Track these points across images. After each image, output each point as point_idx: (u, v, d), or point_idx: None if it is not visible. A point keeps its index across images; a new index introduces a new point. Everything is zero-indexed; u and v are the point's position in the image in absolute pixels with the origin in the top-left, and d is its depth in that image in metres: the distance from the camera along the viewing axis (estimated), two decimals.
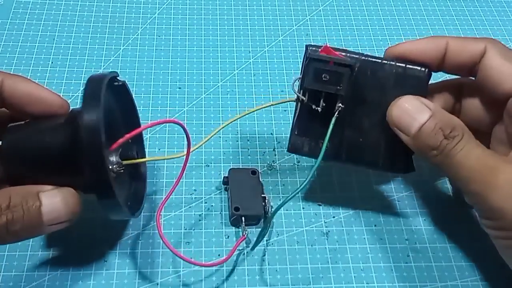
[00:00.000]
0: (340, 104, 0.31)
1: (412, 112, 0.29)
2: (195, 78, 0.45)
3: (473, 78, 0.31)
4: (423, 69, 0.31)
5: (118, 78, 0.31)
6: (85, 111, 0.26)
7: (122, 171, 0.29)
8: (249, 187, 0.35)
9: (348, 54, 0.31)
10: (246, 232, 0.34)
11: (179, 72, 0.45)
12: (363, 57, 0.32)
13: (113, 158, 0.29)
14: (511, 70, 0.28)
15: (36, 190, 0.26)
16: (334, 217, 0.37)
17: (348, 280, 0.33)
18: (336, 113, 0.31)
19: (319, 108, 0.31)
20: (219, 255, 0.34)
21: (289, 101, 0.33)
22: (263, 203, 0.35)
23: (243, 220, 0.34)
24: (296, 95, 0.32)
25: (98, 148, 0.25)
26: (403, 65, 0.31)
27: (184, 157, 0.31)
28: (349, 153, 0.33)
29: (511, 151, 0.29)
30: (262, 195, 0.35)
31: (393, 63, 0.31)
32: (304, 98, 0.31)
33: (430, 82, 0.32)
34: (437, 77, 0.35)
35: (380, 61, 0.32)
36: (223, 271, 0.33)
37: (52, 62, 0.45)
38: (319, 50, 0.31)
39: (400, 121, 0.29)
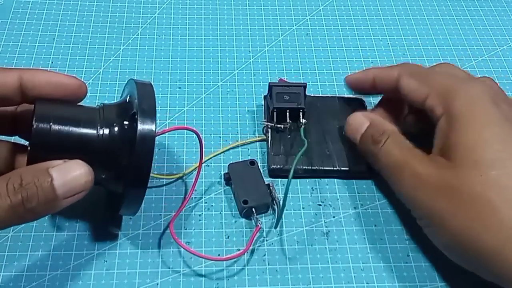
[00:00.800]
0: (303, 120, 0.38)
1: (356, 125, 0.36)
2: (195, 78, 0.45)
3: None
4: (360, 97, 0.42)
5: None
6: (143, 123, 0.28)
7: None
8: (251, 178, 0.36)
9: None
10: (259, 222, 0.34)
11: (179, 72, 0.45)
12: (311, 95, 0.41)
13: None
14: (416, 86, 0.35)
15: (45, 166, 0.26)
16: (334, 217, 0.37)
17: (348, 280, 0.33)
18: (302, 126, 0.37)
19: (287, 125, 0.38)
20: (219, 254, 0.34)
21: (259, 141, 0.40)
22: (269, 190, 0.36)
23: (254, 211, 0.35)
24: (264, 126, 0.40)
25: (149, 160, 0.28)
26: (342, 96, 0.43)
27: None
28: (321, 163, 0.38)
29: (436, 149, 0.33)
30: (266, 183, 0.36)
31: (333, 95, 0.43)
32: (272, 124, 0.38)
33: None
34: None
35: (323, 96, 0.43)
36: (223, 271, 0.33)
37: (52, 62, 0.45)
38: (278, 81, 0.42)
39: (350, 133, 0.37)
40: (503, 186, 0.28)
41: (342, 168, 0.38)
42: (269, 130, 0.39)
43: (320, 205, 0.37)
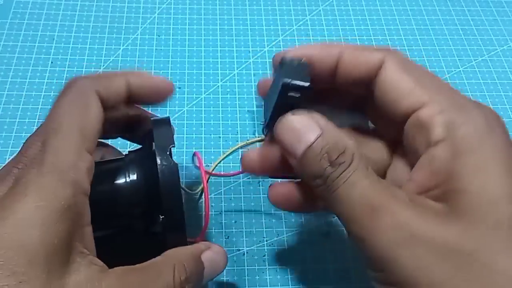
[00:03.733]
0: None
1: (299, 132, 0.23)
2: (195, 78, 0.45)
3: None
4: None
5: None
6: (163, 178, 0.26)
7: None
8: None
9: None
10: None
11: (179, 72, 0.45)
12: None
13: None
14: (410, 85, 0.23)
15: (199, 253, 0.26)
16: (334, 217, 0.37)
17: (348, 280, 0.33)
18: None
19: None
20: None
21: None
22: None
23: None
24: (264, 126, 0.27)
25: (180, 212, 0.26)
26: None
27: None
28: None
29: (404, 185, 0.24)
30: None
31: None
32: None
33: None
34: None
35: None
36: (223, 271, 0.33)
37: (52, 62, 0.45)
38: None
39: (286, 142, 0.23)
40: None
41: None
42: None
43: None
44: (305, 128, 0.23)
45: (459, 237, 0.20)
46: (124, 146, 0.37)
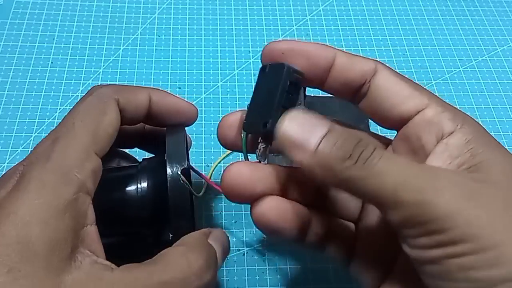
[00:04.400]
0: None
1: (309, 125, 0.22)
2: (195, 78, 0.45)
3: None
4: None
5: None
6: (174, 200, 0.26)
7: None
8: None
9: None
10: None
11: (179, 72, 0.45)
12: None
13: None
14: (409, 89, 0.24)
15: (205, 237, 0.26)
16: None
17: (348, 280, 0.33)
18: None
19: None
20: None
21: None
22: None
23: None
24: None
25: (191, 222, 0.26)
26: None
27: None
28: None
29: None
30: None
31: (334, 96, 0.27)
32: None
33: None
34: None
35: None
36: (223, 271, 0.33)
37: (52, 62, 0.45)
38: None
39: (296, 136, 0.22)
40: None
41: None
42: None
43: None
44: (314, 122, 0.22)
45: (507, 194, 0.21)
46: (142, 154, 0.36)
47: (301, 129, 0.22)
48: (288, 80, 0.23)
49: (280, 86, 0.23)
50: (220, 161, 0.39)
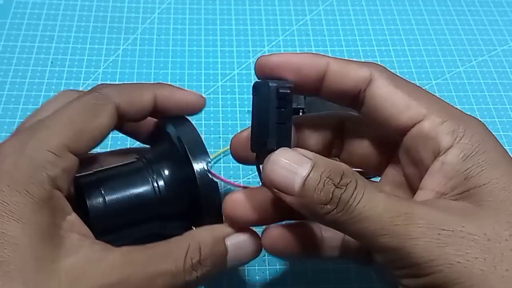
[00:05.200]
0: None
1: (290, 167, 0.22)
2: (195, 78, 0.45)
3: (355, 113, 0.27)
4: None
5: None
6: (203, 191, 0.25)
7: None
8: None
9: None
10: None
11: (179, 72, 0.45)
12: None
13: None
14: (405, 99, 0.23)
15: (222, 235, 0.24)
16: None
17: (348, 280, 0.33)
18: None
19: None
20: None
21: None
22: None
23: None
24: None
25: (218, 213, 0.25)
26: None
27: None
28: None
29: (416, 194, 0.24)
30: None
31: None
32: None
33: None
34: None
35: None
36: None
37: (52, 62, 0.45)
38: None
39: (279, 180, 0.22)
40: None
41: None
42: None
43: None
44: (296, 161, 0.22)
45: (493, 228, 0.20)
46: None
47: (284, 172, 0.22)
48: (275, 98, 0.23)
49: (269, 105, 0.23)
50: (219, 153, 0.39)
